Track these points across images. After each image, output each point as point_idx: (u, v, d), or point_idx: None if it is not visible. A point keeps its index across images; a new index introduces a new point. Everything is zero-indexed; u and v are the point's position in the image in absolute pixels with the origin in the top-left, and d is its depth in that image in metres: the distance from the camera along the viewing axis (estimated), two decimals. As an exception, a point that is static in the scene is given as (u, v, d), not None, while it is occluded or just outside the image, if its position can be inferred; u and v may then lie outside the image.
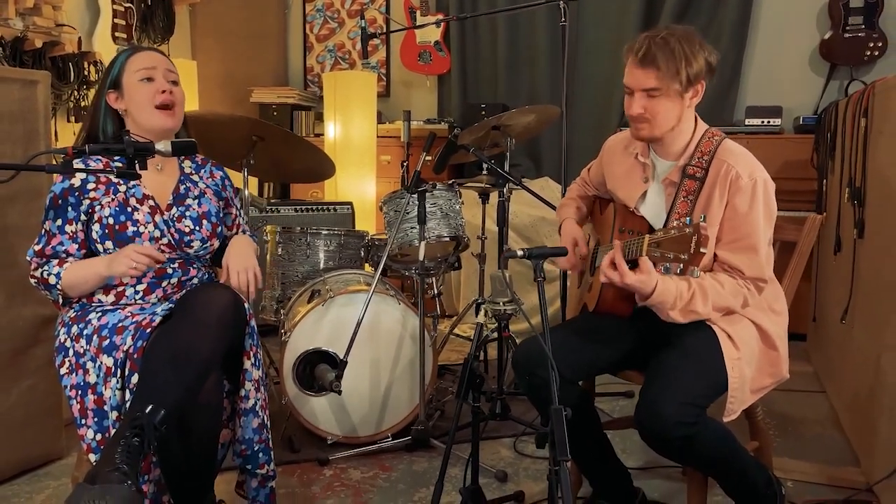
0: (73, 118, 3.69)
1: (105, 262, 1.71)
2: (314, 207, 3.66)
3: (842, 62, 3.91)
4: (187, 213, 1.86)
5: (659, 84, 1.66)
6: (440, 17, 4.46)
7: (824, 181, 3.21)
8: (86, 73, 3.70)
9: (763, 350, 1.73)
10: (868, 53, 3.81)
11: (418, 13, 4.56)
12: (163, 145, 1.58)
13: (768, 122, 3.78)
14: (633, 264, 1.61)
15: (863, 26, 3.79)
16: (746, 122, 3.79)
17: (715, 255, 1.71)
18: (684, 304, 1.64)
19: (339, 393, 2.23)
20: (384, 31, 4.44)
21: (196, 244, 1.85)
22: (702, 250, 1.40)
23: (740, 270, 1.68)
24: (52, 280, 1.74)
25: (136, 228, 1.77)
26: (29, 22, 3.46)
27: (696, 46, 1.67)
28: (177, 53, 4.56)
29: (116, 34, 3.93)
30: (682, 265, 1.45)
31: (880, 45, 3.78)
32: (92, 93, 3.72)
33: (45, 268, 1.75)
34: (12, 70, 2.22)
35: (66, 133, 3.64)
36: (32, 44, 3.39)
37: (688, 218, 1.49)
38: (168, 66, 1.86)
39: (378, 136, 4.34)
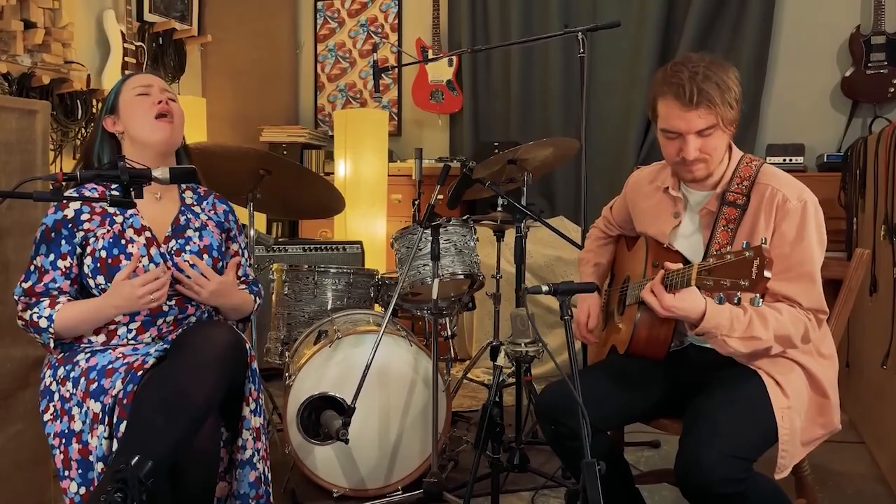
0: (79, 155, 3.63)
1: (111, 303, 1.59)
2: (323, 246, 3.54)
3: (864, 99, 3.80)
4: (187, 247, 1.75)
5: (716, 120, 1.54)
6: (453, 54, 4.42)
7: (854, 219, 3.08)
8: (94, 110, 3.66)
9: (813, 398, 1.58)
10: (892, 90, 3.70)
11: (430, 52, 4.52)
12: (160, 172, 1.48)
13: (791, 160, 3.67)
14: None
15: (885, 63, 3.70)
16: (768, 160, 3.67)
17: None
18: (744, 329, 1.48)
19: (347, 442, 2.08)
20: (396, 65, 4.39)
21: (194, 280, 1.73)
22: (766, 274, 1.25)
23: (797, 302, 1.53)
24: (44, 323, 1.60)
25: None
26: (37, 58, 3.42)
27: (728, 70, 1.56)
28: (187, 91, 4.53)
29: (126, 72, 3.90)
30: (739, 294, 1.30)
31: (904, 81, 3.68)
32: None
33: (35, 309, 1.62)
34: (10, 99, 2.14)
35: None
36: (40, 80, 3.35)
37: (744, 242, 1.35)
38: (164, 86, 1.81)
39: (389, 175, 4.25)
